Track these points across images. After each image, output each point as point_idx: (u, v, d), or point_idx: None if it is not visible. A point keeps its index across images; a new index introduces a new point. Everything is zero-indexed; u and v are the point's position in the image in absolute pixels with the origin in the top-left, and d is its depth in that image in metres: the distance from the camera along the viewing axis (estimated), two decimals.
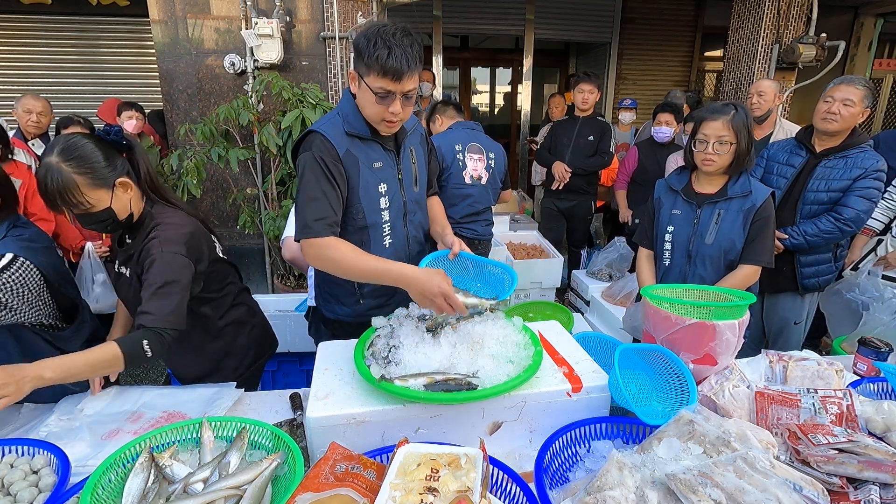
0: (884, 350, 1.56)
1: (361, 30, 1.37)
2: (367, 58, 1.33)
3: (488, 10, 6.16)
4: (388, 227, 1.61)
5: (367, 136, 1.51)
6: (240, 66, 3.79)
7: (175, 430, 1.14)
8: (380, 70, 1.32)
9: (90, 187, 1.27)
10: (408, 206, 1.65)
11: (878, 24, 5.99)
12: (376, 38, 1.30)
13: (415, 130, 1.69)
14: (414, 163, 1.66)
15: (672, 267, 2.04)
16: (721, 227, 1.92)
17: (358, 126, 1.49)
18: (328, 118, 1.53)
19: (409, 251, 1.69)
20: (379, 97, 1.37)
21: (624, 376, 1.32)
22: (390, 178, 1.58)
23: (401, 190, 1.61)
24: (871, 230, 2.84)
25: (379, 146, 1.55)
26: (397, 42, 1.31)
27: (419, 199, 1.70)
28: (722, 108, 1.88)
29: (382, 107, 1.40)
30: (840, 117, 2.21)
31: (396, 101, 1.39)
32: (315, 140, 1.46)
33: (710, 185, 1.98)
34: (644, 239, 2.18)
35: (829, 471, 1.02)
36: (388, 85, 1.35)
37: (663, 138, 3.71)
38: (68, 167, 1.23)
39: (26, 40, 5.31)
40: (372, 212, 1.56)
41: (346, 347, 1.42)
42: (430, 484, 0.91)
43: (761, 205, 1.88)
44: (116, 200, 1.33)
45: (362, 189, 1.52)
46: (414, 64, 1.35)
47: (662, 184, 2.13)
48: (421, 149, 1.71)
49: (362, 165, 1.51)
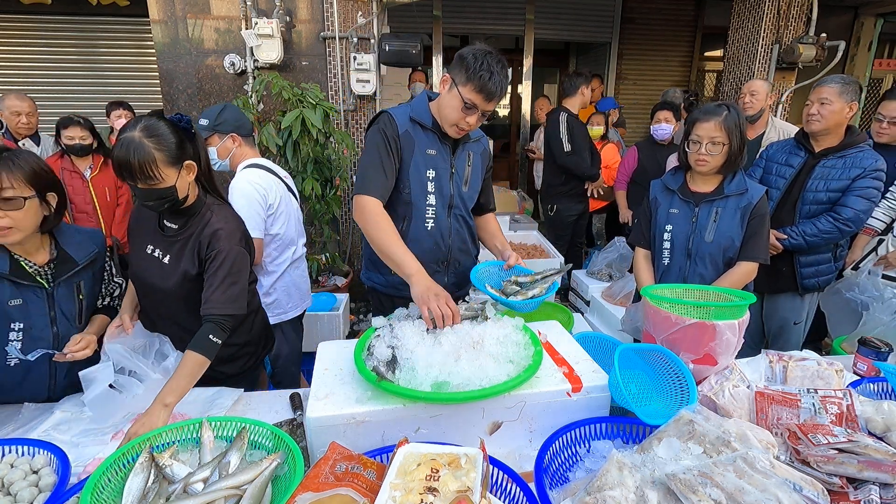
0: (884, 350, 1.56)
1: (467, 47, 1.56)
2: (472, 72, 1.52)
3: (488, 10, 6.16)
4: (431, 211, 1.76)
5: (428, 125, 1.70)
6: (240, 66, 3.79)
7: (175, 430, 1.14)
8: (478, 87, 1.53)
9: (165, 164, 1.36)
10: (454, 200, 1.79)
11: (878, 24, 5.99)
12: (484, 60, 1.51)
13: (478, 141, 1.86)
14: (469, 165, 1.80)
15: (672, 266, 2.05)
16: (720, 225, 1.93)
17: (423, 115, 1.70)
18: (399, 106, 1.77)
19: (449, 242, 1.82)
20: (465, 107, 1.57)
21: (624, 376, 1.32)
22: (441, 167, 1.73)
23: (450, 182, 1.76)
24: (872, 230, 2.84)
25: (436, 137, 1.72)
26: (499, 70, 1.53)
27: (467, 198, 1.83)
28: (714, 110, 1.89)
29: (463, 115, 1.59)
30: (820, 116, 2.25)
31: (476, 114, 1.60)
32: (383, 117, 1.70)
33: (705, 183, 1.99)
34: (640, 239, 2.17)
35: (829, 471, 1.02)
36: (479, 101, 1.56)
37: (664, 136, 3.71)
38: (150, 143, 1.33)
39: (26, 40, 5.31)
40: (417, 191, 1.72)
41: (346, 347, 1.42)
42: (430, 484, 0.91)
43: (757, 202, 1.91)
44: (180, 180, 1.42)
45: (413, 168, 1.70)
46: (504, 92, 1.58)
47: (658, 184, 2.14)
48: (480, 159, 1.85)
49: (417, 148, 1.69)
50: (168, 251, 1.51)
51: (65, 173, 3.16)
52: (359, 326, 3.74)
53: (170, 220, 1.53)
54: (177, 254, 1.50)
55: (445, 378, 1.19)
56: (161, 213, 1.53)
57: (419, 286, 1.42)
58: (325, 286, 3.64)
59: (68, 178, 3.17)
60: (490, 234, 1.95)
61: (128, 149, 1.31)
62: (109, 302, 1.61)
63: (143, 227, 1.57)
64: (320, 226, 3.67)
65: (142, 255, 1.55)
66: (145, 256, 1.54)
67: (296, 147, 3.26)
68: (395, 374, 1.22)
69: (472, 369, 1.21)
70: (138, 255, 1.56)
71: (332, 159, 3.54)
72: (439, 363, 1.23)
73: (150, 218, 1.56)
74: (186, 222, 1.51)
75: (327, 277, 3.77)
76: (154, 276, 1.53)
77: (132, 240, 1.61)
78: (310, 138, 3.24)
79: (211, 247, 1.47)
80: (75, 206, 3.21)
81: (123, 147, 1.32)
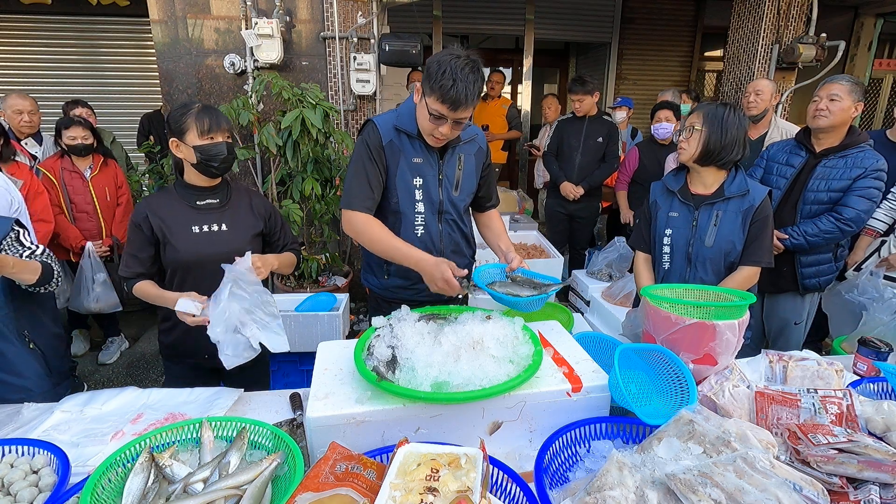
0: (884, 350, 1.56)
1: (436, 53, 1.52)
2: (433, 82, 1.47)
3: (488, 10, 6.15)
4: (420, 219, 1.76)
5: (414, 134, 1.68)
6: (240, 66, 3.78)
7: (175, 430, 1.14)
8: (440, 97, 1.48)
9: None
10: (444, 206, 1.77)
11: (878, 24, 5.99)
12: (447, 68, 1.45)
13: (472, 141, 1.81)
14: (460, 169, 1.77)
15: (672, 271, 2.01)
16: (720, 229, 1.88)
17: (408, 124, 1.67)
18: (387, 113, 1.75)
19: (441, 246, 1.81)
20: (433, 117, 1.53)
21: (624, 376, 1.32)
22: (429, 175, 1.72)
23: (440, 189, 1.74)
24: (874, 231, 2.83)
25: (422, 144, 1.70)
26: (463, 77, 1.45)
27: (458, 201, 1.81)
28: (705, 104, 1.89)
29: (433, 125, 1.56)
30: (829, 112, 2.24)
31: (447, 125, 1.55)
32: (367, 127, 1.70)
33: (705, 185, 1.94)
34: (640, 242, 2.13)
35: (829, 471, 1.02)
36: (444, 111, 1.50)
37: (664, 134, 3.71)
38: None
39: (26, 40, 5.31)
40: (405, 200, 1.72)
41: (346, 347, 1.43)
42: (431, 484, 0.91)
43: (759, 205, 1.85)
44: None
45: (399, 177, 1.70)
46: (472, 99, 1.49)
47: (658, 186, 2.10)
48: (473, 159, 1.81)
49: (402, 157, 1.69)
50: (222, 221, 1.71)
51: (65, 173, 3.16)
52: (359, 326, 3.74)
53: (209, 196, 1.72)
54: (232, 219, 1.73)
55: (445, 378, 1.19)
56: (196, 194, 1.70)
57: (425, 273, 1.55)
58: (325, 286, 3.64)
59: (68, 178, 3.17)
60: (495, 233, 1.92)
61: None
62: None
63: (173, 217, 1.66)
64: (320, 226, 3.67)
65: (190, 237, 1.67)
66: (195, 236, 1.67)
67: (296, 147, 3.26)
68: (395, 374, 1.22)
69: (472, 369, 1.21)
70: (187, 239, 1.66)
71: (332, 159, 3.54)
72: (439, 363, 1.23)
73: (171, 205, 1.68)
74: (226, 194, 1.75)
75: (327, 277, 3.77)
76: (215, 246, 1.68)
77: (167, 233, 1.65)
78: (310, 138, 3.24)
79: (261, 209, 1.81)
80: (75, 206, 3.21)
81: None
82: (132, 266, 1.66)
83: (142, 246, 1.66)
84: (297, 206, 3.37)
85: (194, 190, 1.70)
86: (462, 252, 1.89)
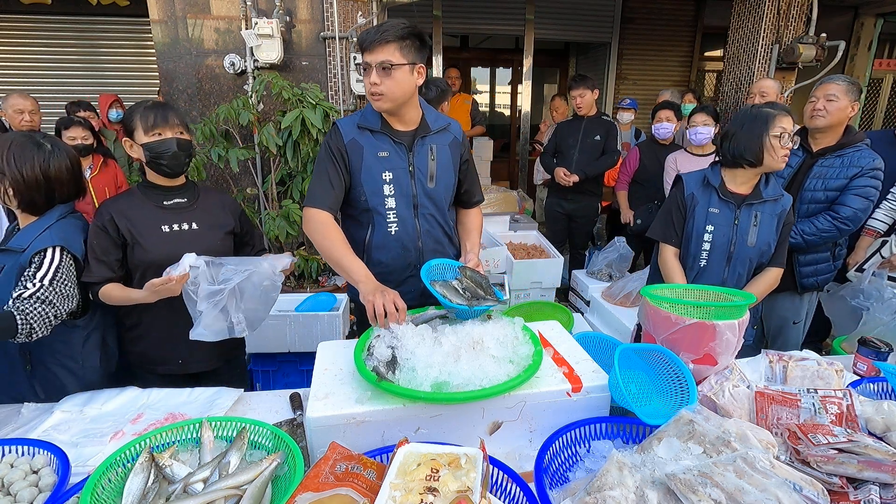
0: (884, 350, 1.56)
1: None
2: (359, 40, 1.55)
3: (488, 10, 6.15)
4: (393, 215, 1.70)
5: (377, 128, 1.67)
6: (240, 66, 3.78)
7: (175, 430, 1.14)
8: (359, 46, 1.55)
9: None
10: (418, 199, 1.71)
11: (878, 24, 5.99)
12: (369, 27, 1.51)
13: (444, 131, 1.76)
14: (433, 160, 1.72)
15: (708, 269, 1.95)
16: (760, 230, 1.90)
17: (371, 120, 1.68)
18: (352, 115, 1.78)
19: (419, 244, 1.74)
20: (362, 70, 1.56)
21: (624, 376, 1.32)
22: (398, 167, 1.68)
23: (412, 181, 1.69)
24: (874, 231, 2.83)
25: (388, 138, 1.67)
26: (378, 25, 1.53)
27: (434, 195, 1.74)
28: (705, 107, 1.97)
29: (367, 80, 1.56)
30: (826, 112, 2.26)
31: (372, 71, 1.55)
32: (332, 129, 1.71)
33: (741, 185, 1.92)
34: (672, 235, 2.00)
35: (829, 471, 1.02)
36: (364, 56, 1.55)
37: (665, 134, 3.71)
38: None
39: (26, 40, 5.31)
40: (374, 196, 1.68)
41: (346, 347, 1.42)
42: (431, 484, 0.91)
43: (789, 209, 1.93)
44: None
45: (364, 173, 1.66)
46: (382, 36, 1.51)
47: (695, 178, 2.00)
48: (448, 150, 1.76)
49: (366, 153, 1.66)
50: (192, 220, 1.68)
51: None
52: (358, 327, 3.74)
53: (176, 196, 1.69)
54: (203, 218, 1.70)
55: (445, 378, 1.19)
56: (162, 194, 1.67)
57: (366, 287, 1.43)
58: (325, 286, 3.64)
59: None
60: (465, 230, 1.87)
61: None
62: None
63: (140, 218, 1.63)
64: None
65: (160, 236, 1.63)
66: (166, 235, 1.64)
67: (296, 147, 3.26)
68: (395, 374, 1.22)
69: (472, 369, 1.21)
70: (157, 239, 1.63)
71: None
72: (439, 363, 1.23)
73: (138, 207, 1.64)
74: (195, 194, 1.73)
75: (327, 277, 3.77)
76: (188, 245, 1.60)
77: (136, 234, 1.60)
78: (310, 138, 3.24)
79: (231, 207, 1.79)
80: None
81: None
82: (99, 271, 1.56)
83: (108, 249, 1.58)
84: (297, 206, 3.37)
85: (159, 190, 1.67)
86: (444, 252, 1.79)
